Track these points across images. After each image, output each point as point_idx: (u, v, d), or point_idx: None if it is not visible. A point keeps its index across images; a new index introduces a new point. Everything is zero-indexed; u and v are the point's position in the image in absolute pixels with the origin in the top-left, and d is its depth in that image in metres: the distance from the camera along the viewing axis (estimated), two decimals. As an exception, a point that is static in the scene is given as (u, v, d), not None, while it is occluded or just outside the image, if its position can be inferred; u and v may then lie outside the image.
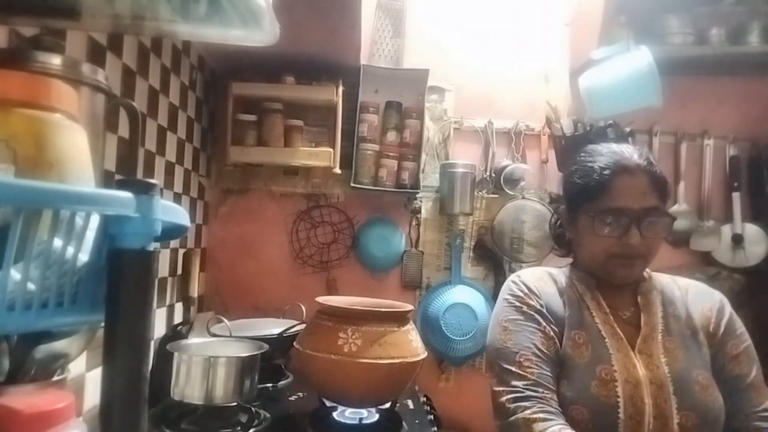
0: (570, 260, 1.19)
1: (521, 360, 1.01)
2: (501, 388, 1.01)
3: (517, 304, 1.08)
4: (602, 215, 1.03)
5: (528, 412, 0.95)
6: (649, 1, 1.84)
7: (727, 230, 1.93)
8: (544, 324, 1.04)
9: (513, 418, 0.96)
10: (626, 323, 1.05)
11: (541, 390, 0.97)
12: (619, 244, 1.02)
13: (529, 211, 1.92)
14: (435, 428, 1.36)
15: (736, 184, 1.94)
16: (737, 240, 1.91)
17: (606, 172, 1.03)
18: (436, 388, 1.90)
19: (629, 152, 1.05)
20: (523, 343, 1.02)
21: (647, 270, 1.12)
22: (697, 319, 1.07)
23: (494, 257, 1.95)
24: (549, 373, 1.00)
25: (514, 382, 0.99)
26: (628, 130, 1.91)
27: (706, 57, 1.84)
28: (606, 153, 1.07)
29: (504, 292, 1.13)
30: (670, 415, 0.93)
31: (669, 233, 1.05)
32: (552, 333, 1.03)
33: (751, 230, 1.92)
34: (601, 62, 1.73)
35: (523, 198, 1.92)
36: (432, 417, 1.42)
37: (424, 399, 1.57)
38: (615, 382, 0.96)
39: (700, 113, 1.99)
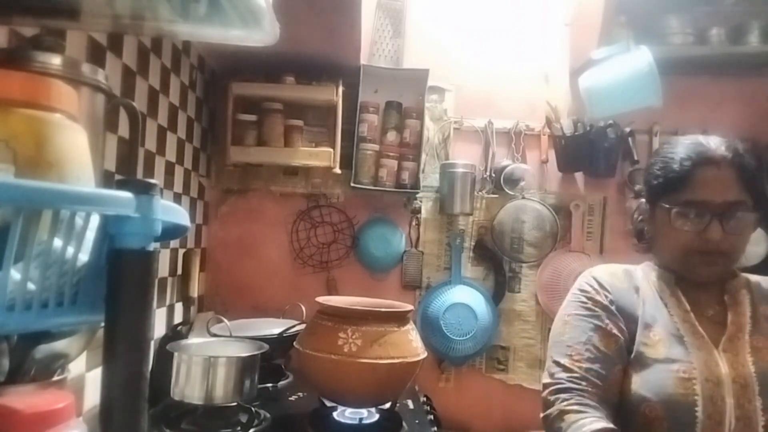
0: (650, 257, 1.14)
1: (572, 353, 1.00)
2: (547, 381, 1.01)
3: (583, 299, 1.06)
4: (682, 208, 0.99)
5: (564, 403, 0.95)
6: (649, 1, 1.84)
7: (727, 230, 1.93)
8: (607, 321, 1.02)
9: (550, 410, 0.96)
10: (710, 321, 1.01)
11: (584, 384, 0.96)
12: (700, 240, 0.97)
13: (529, 211, 1.92)
14: (435, 428, 1.36)
15: (736, 184, 1.94)
16: (737, 240, 1.91)
17: (687, 163, 0.99)
18: (436, 388, 1.90)
19: (715, 143, 1.00)
20: (579, 338, 1.01)
21: (734, 269, 1.08)
22: None
23: (494, 257, 1.95)
24: (600, 370, 0.97)
25: (559, 375, 0.99)
26: (628, 130, 1.92)
27: (706, 57, 1.84)
28: (689, 143, 1.02)
29: (574, 287, 1.10)
30: (754, 416, 0.90)
31: (753, 229, 1.00)
32: (616, 330, 1.01)
33: (751, 230, 1.91)
34: (601, 62, 1.73)
35: (523, 198, 1.92)
36: (432, 417, 1.42)
37: (424, 399, 1.57)
38: (694, 380, 0.93)
39: (700, 113, 1.98)
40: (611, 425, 0.92)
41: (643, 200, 1.12)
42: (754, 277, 1.10)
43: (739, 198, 0.97)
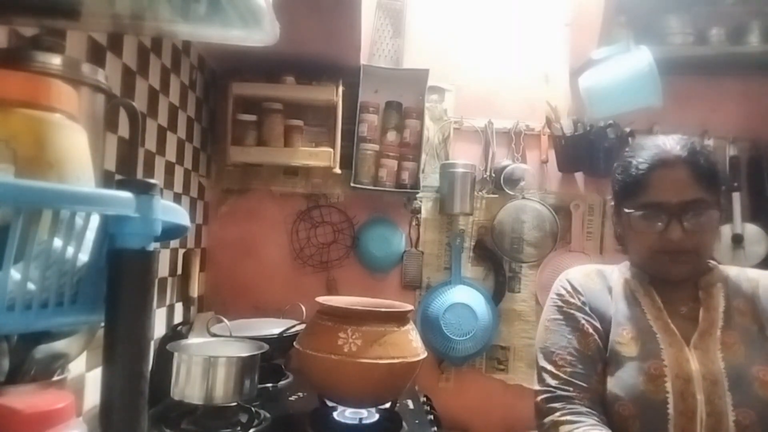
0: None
1: (556, 359, 1.03)
2: (538, 387, 1.05)
3: (560, 303, 1.09)
4: (641, 211, 1.01)
5: (557, 414, 0.98)
6: (649, 1, 1.84)
7: (727, 230, 1.92)
8: (583, 322, 1.05)
9: (544, 420, 1.00)
10: (683, 318, 1.02)
11: (571, 389, 0.99)
12: (662, 240, 0.99)
13: (529, 211, 1.92)
14: (435, 428, 1.36)
15: (736, 184, 1.94)
16: (737, 240, 1.91)
17: (643, 166, 1.01)
18: (436, 388, 1.90)
19: (670, 144, 1.02)
20: (560, 343, 1.04)
21: (713, 262, 1.08)
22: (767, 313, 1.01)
23: (494, 257, 1.95)
24: (583, 371, 1.01)
25: (548, 381, 1.03)
26: (628, 130, 1.91)
27: (706, 57, 1.84)
28: (647, 147, 1.03)
29: (552, 291, 1.13)
30: (725, 411, 0.90)
31: (716, 225, 1.01)
32: (591, 330, 1.04)
33: (751, 230, 1.91)
34: (601, 62, 1.73)
35: (523, 198, 1.92)
36: (432, 417, 1.42)
37: (424, 399, 1.57)
38: (664, 378, 0.94)
39: (700, 113, 1.98)
40: (605, 429, 0.94)
41: (612, 203, 1.14)
42: (730, 270, 1.10)
43: (696, 196, 0.98)
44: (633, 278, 1.09)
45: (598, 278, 1.11)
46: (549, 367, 1.03)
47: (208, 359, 1.16)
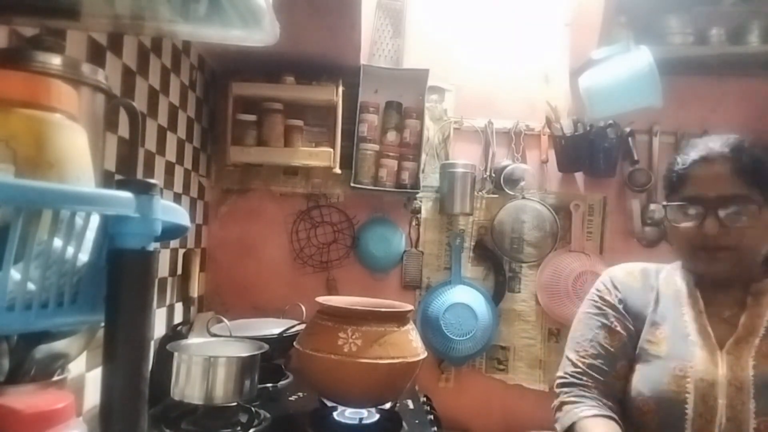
0: None
1: (579, 350, 1.08)
2: (558, 374, 1.09)
3: (596, 298, 1.13)
4: (680, 204, 1.02)
5: (565, 395, 1.04)
6: (649, 1, 1.84)
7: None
8: (613, 319, 1.08)
9: (555, 402, 1.06)
10: (724, 322, 1.01)
11: (585, 378, 1.05)
12: (699, 235, 0.99)
13: (529, 211, 1.92)
14: (435, 428, 1.35)
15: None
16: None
17: (687, 161, 1.02)
18: (436, 388, 1.90)
19: (716, 141, 1.02)
20: (587, 335, 1.08)
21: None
22: None
23: (494, 257, 1.95)
24: (602, 365, 1.05)
25: (567, 368, 1.08)
26: (628, 130, 1.92)
27: (706, 57, 1.84)
28: (695, 145, 1.05)
29: (594, 286, 1.17)
30: (746, 418, 0.91)
31: (749, 221, 0.97)
32: (620, 328, 1.07)
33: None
34: (601, 62, 1.73)
35: (523, 198, 1.92)
36: (432, 417, 1.41)
37: (424, 399, 1.57)
38: (688, 378, 0.95)
39: (700, 113, 1.98)
40: (605, 412, 0.97)
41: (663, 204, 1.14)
42: None
43: (736, 192, 0.97)
44: (681, 279, 1.09)
45: (641, 277, 1.12)
46: (572, 355, 1.09)
47: (208, 359, 1.16)
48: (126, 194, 0.45)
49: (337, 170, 1.78)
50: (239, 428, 1.20)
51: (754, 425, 0.90)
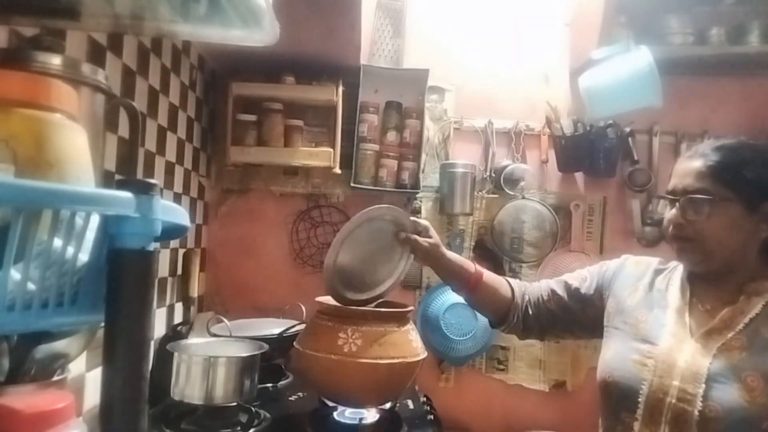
0: None
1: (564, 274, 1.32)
2: None
3: (602, 263, 1.27)
4: (663, 197, 1.12)
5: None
6: (649, 1, 1.84)
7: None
8: (589, 276, 1.24)
9: None
10: (705, 314, 1.04)
11: (543, 283, 1.29)
12: (668, 225, 1.06)
13: (529, 211, 1.92)
14: (435, 428, 1.35)
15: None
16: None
17: (680, 159, 1.10)
18: (436, 388, 1.90)
19: (708, 142, 1.08)
20: (576, 270, 1.30)
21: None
22: None
23: (494, 257, 1.95)
24: (555, 289, 1.25)
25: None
26: (628, 130, 1.91)
27: (706, 57, 1.84)
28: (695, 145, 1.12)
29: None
30: (693, 401, 0.95)
31: (709, 214, 1.00)
32: (585, 287, 1.23)
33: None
34: (601, 62, 1.73)
35: (523, 198, 1.92)
36: (432, 417, 1.41)
37: (424, 399, 1.57)
38: (651, 359, 1.02)
39: (700, 113, 1.98)
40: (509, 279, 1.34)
41: None
42: None
43: (701, 186, 1.01)
44: (679, 273, 1.13)
45: (645, 267, 1.19)
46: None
47: (208, 359, 1.16)
48: (126, 194, 0.45)
49: (337, 170, 1.77)
50: (239, 428, 1.20)
51: (699, 408, 0.94)
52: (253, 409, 1.27)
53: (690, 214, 1.02)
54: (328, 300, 1.29)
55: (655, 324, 1.07)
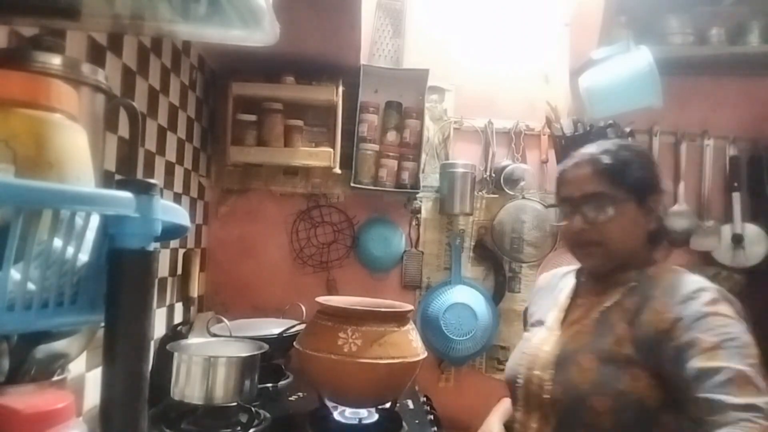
0: None
1: None
2: None
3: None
4: (555, 206, 1.14)
5: None
6: (649, 1, 1.84)
7: (727, 230, 1.93)
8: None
9: None
10: (580, 308, 1.10)
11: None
12: (570, 232, 1.08)
13: (529, 211, 1.92)
14: (435, 428, 1.36)
15: (736, 184, 1.94)
16: (737, 240, 1.91)
17: (565, 167, 1.12)
18: (436, 388, 1.90)
19: (590, 147, 1.11)
20: None
21: (672, 266, 1.07)
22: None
23: (494, 257, 1.95)
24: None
25: None
26: (628, 130, 1.91)
27: (706, 57, 1.84)
28: (576, 152, 1.13)
29: None
30: (545, 384, 1.03)
31: (612, 215, 1.02)
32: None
33: (751, 230, 1.91)
34: (601, 62, 1.73)
35: (523, 198, 1.92)
36: (432, 417, 1.42)
37: (424, 399, 1.57)
38: (525, 354, 1.11)
39: (700, 113, 1.98)
40: None
41: None
42: (678, 277, 1.02)
43: (597, 189, 1.04)
44: (574, 274, 1.19)
45: (551, 277, 1.25)
46: None
47: (208, 359, 1.16)
48: (126, 194, 0.45)
49: (337, 170, 1.78)
50: (239, 428, 1.20)
51: (549, 388, 1.01)
52: (253, 409, 1.27)
53: (593, 217, 1.04)
54: (328, 300, 1.29)
55: (538, 323, 1.15)
